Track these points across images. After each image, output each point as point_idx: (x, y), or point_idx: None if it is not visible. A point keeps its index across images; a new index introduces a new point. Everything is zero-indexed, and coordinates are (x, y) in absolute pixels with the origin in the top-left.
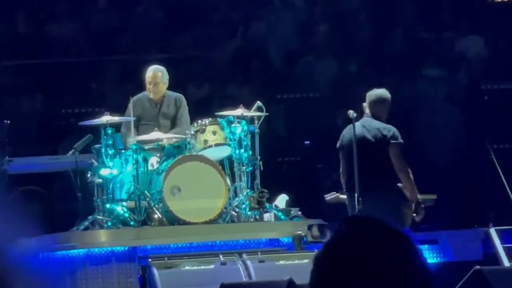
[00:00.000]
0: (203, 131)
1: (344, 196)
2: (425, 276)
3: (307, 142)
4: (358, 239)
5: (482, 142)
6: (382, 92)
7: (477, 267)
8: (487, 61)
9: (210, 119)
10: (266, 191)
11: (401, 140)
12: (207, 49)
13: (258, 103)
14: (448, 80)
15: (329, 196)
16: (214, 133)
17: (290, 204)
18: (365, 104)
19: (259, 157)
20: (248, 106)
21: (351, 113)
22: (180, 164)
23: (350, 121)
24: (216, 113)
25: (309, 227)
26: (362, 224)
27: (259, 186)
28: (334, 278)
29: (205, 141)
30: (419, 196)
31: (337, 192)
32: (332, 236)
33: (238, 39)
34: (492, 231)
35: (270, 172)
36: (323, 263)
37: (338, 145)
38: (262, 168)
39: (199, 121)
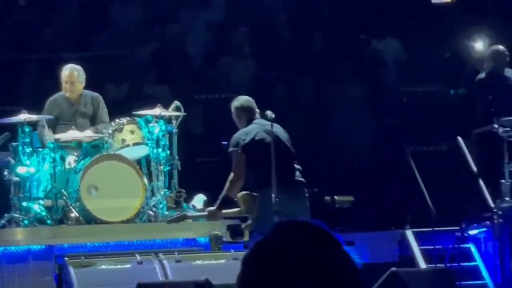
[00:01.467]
0: (121, 130)
1: (197, 213)
2: (354, 274)
3: (225, 143)
4: (282, 241)
5: (400, 145)
6: None
7: (394, 268)
8: (405, 64)
9: (128, 118)
10: (184, 191)
11: None
12: (126, 49)
13: (176, 103)
14: (367, 82)
15: (172, 218)
16: (132, 132)
17: (207, 204)
18: (248, 107)
19: (177, 157)
20: (166, 106)
21: (269, 113)
22: (98, 163)
23: (269, 121)
24: (134, 113)
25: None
26: (288, 226)
27: (177, 186)
28: (262, 281)
29: (123, 140)
30: None
31: (184, 212)
32: (261, 239)
33: (157, 38)
34: (409, 233)
35: (187, 172)
36: (251, 266)
37: (245, 143)
38: (179, 168)
39: (117, 120)
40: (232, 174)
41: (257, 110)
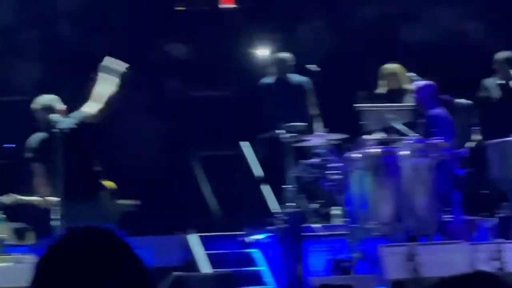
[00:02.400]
0: None
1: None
2: (144, 278)
3: (8, 146)
4: (73, 246)
5: (186, 149)
6: None
7: (177, 273)
8: (193, 68)
9: None
10: None
11: None
12: None
13: None
14: (153, 86)
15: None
16: None
17: None
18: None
19: None
20: None
21: (55, 117)
22: None
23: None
24: None
25: None
26: (79, 232)
27: None
28: (54, 285)
29: None
30: None
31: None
32: (52, 243)
33: None
34: (193, 238)
35: None
36: (42, 270)
37: (42, 148)
38: None
39: None
40: (34, 181)
41: (58, 112)
